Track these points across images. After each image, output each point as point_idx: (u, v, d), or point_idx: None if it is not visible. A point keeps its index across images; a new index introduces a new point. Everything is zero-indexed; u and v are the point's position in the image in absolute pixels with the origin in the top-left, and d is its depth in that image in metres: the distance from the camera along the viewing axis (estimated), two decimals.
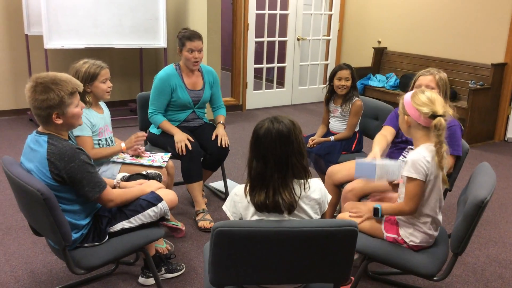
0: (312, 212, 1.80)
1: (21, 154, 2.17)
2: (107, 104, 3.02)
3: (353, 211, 2.38)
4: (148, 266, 2.52)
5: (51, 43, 5.04)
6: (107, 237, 2.23)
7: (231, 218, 1.83)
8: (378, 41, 6.87)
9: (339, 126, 3.49)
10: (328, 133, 3.54)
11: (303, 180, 1.76)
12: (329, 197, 1.88)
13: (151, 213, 2.31)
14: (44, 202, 1.89)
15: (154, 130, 3.44)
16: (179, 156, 3.23)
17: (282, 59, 7.08)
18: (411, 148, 2.79)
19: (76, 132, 2.61)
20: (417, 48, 6.34)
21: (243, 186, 1.79)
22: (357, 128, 3.48)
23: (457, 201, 2.38)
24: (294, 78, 7.22)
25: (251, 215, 1.77)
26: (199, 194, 3.33)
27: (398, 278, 2.79)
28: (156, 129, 3.42)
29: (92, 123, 2.73)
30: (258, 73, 6.88)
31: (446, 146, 2.12)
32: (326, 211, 1.90)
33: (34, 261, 2.84)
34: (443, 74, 2.78)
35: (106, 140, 2.84)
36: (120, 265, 2.80)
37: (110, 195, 2.18)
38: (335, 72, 3.41)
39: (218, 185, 3.94)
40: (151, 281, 2.61)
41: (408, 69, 6.35)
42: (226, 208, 1.85)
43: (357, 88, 3.50)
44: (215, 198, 3.79)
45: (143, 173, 2.70)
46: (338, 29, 7.35)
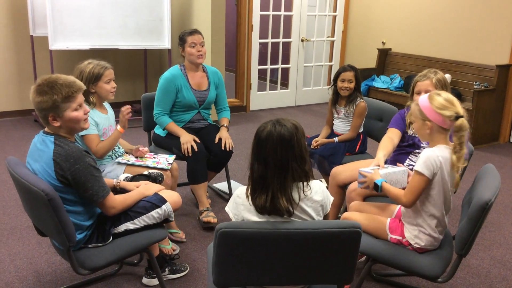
0: (315, 214, 1.79)
1: (27, 154, 2.18)
2: (112, 105, 3.03)
3: (362, 180, 2.38)
4: (152, 267, 2.53)
5: (56, 44, 5.06)
6: (111, 238, 2.23)
7: (233, 220, 1.83)
8: (383, 42, 6.86)
9: (343, 127, 3.49)
10: (332, 134, 3.54)
11: (303, 184, 1.75)
12: (331, 199, 1.88)
13: (155, 215, 2.31)
14: (49, 203, 1.89)
15: (159, 131, 3.45)
16: (185, 157, 3.24)
17: (286, 60, 7.08)
18: (418, 152, 2.79)
19: (82, 132, 2.60)
20: (422, 49, 6.33)
21: (245, 188, 1.79)
22: (361, 129, 3.48)
23: (462, 203, 2.37)
24: (298, 79, 7.21)
25: (252, 217, 1.76)
26: (204, 195, 3.34)
27: (402, 280, 2.78)
28: (161, 130, 3.43)
29: (97, 122, 2.73)
30: (262, 74, 6.88)
31: (467, 149, 2.11)
32: (329, 212, 1.90)
33: (39, 261, 2.85)
34: (441, 75, 2.75)
35: None
36: (124, 266, 2.81)
37: (113, 202, 2.18)
38: (339, 74, 3.42)
39: (222, 186, 3.94)
40: (155, 282, 2.62)
41: (413, 70, 6.33)
42: (229, 210, 1.86)
43: (361, 90, 3.50)
44: (219, 199, 3.80)
45: (145, 174, 2.71)
46: (343, 30, 7.34)
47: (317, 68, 7.41)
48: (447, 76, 4.98)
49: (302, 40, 7.03)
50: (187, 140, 3.23)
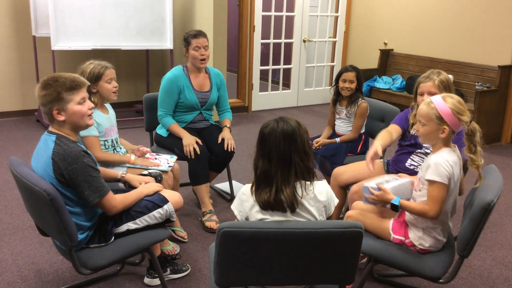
0: (318, 214, 1.80)
1: (31, 154, 2.18)
2: (114, 105, 3.04)
3: (371, 197, 2.23)
4: (154, 267, 2.53)
5: (58, 45, 5.07)
6: (113, 238, 2.23)
7: (238, 217, 1.85)
8: (385, 43, 6.86)
9: (345, 128, 3.49)
10: (334, 135, 3.54)
11: (305, 182, 1.76)
12: (336, 201, 1.88)
13: (157, 215, 2.32)
14: (51, 203, 1.90)
15: (161, 132, 3.45)
16: (187, 158, 3.24)
17: (288, 61, 7.07)
18: (420, 152, 2.78)
19: (83, 133, 2.59)
20: (424, 50, 6.32)
21: (250, 185, 1.82)
22: (363, 130, 3.48)
23: (464, 204, 2.37)
24: (300, 80, 7.21)
25: (256, 214, 1.78)
26: (206, 196, 3.34)
27: (404, 280, 2.78)
28: (163, 131, 3.43)
29: (98, 123, 2.74)
30: (264, 75, 6.88)
31: (480, 149, 2.10)
32: (333, 214, 1.89)
33: (41, 261, 2.86)
34: (444, 76, 2.71)
35: (112, 141, 2.85)
36: (126, 266, 2.81)
37: (113, 201, 2.17)
38: (340, 74, 3.43)
39: (224, 186, 3.95)
40: (157, 282, 2.62)
41: (415, 71, 6.33)
42: (234, 207, 1.88)
43: (363, 90, 3.49)
44: (221, 199, 3.80)
45: (145, 172, 2.71)
46: (344, 31, 7.34)
47: (319, 69, 7.41)
48: (450, 77, 4.97)
49: (304, 41, 7.03)
50: (190, 143, 3.23)
